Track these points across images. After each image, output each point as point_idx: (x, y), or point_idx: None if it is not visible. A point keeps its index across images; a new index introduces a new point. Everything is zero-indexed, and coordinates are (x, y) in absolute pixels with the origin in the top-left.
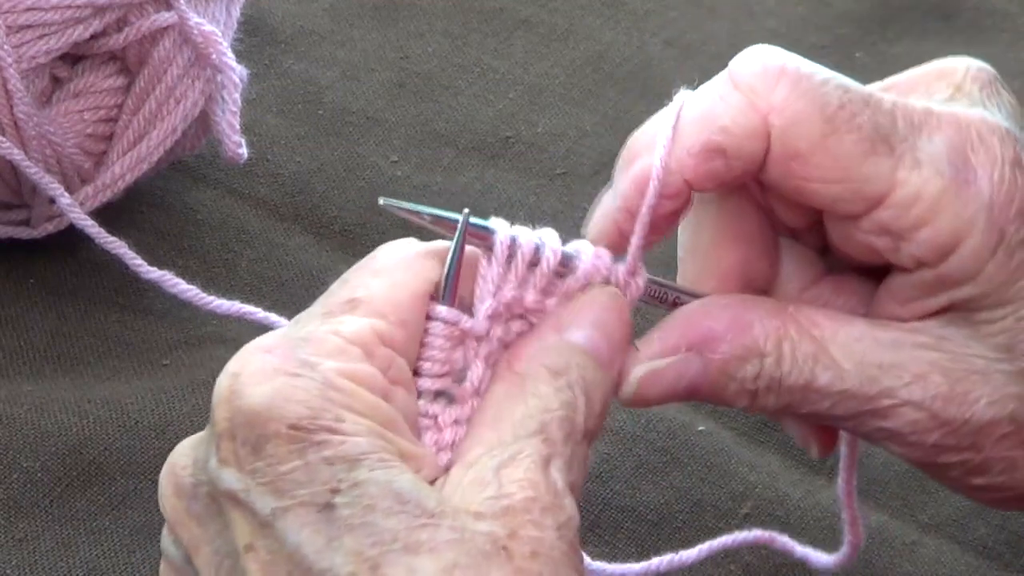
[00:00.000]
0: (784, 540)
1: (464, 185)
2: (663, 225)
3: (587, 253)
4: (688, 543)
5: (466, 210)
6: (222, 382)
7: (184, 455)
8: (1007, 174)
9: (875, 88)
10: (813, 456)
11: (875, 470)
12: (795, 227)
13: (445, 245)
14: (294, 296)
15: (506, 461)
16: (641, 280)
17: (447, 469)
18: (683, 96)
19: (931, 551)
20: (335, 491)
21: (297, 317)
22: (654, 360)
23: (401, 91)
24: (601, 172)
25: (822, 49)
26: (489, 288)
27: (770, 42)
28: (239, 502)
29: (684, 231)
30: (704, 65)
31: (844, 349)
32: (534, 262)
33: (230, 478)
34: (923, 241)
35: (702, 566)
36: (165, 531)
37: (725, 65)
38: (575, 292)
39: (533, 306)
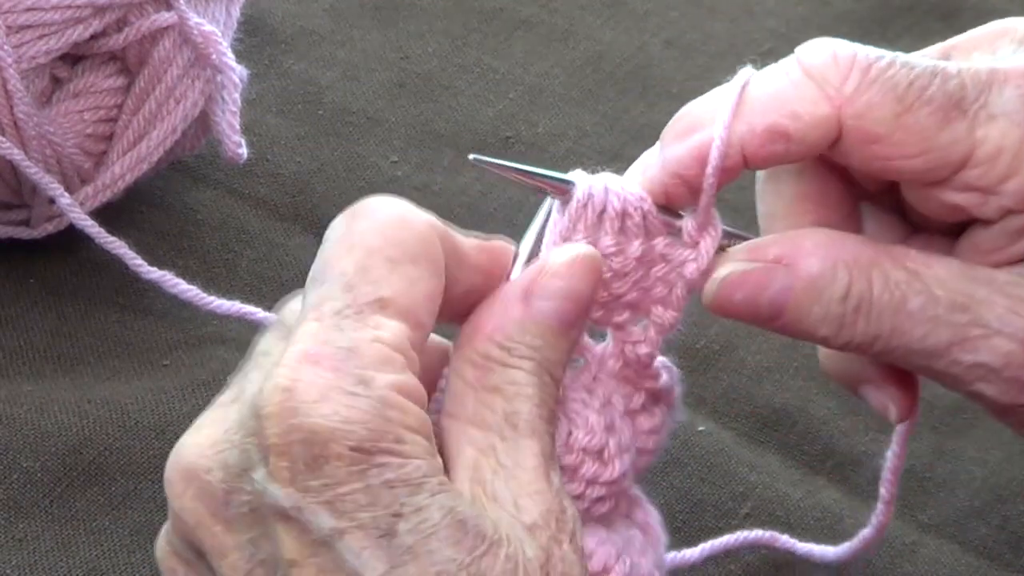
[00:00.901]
0: (785, 540)
1: (464, 185)
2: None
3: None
4: (688, 543)
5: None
6: (272, 396)
7: (206, 458)
8: None
9: (936, 49)
10: (892, 420)
11: (875, 470)
12: (872, 192)
13: (440, 226)
14: None
15: (512, 472)
16: (716, 232)
17: None
18: (747, 73)
19: (931, 551)
20: (397, 516)
21: (315, 287)
22: (740, 263)
23: (401, 91)
24: (601, 172)
25: None
26: (555, 238)
27: (770, 42)
28: (289, 518)
29: (763, 198)
30: (704, 65)
31: (936, 279)
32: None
33: (281, 495)
34: (1011, 191)
35: (703, 565)
36: (169, 528)
37: (725, 65)
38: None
39: (610, 250)
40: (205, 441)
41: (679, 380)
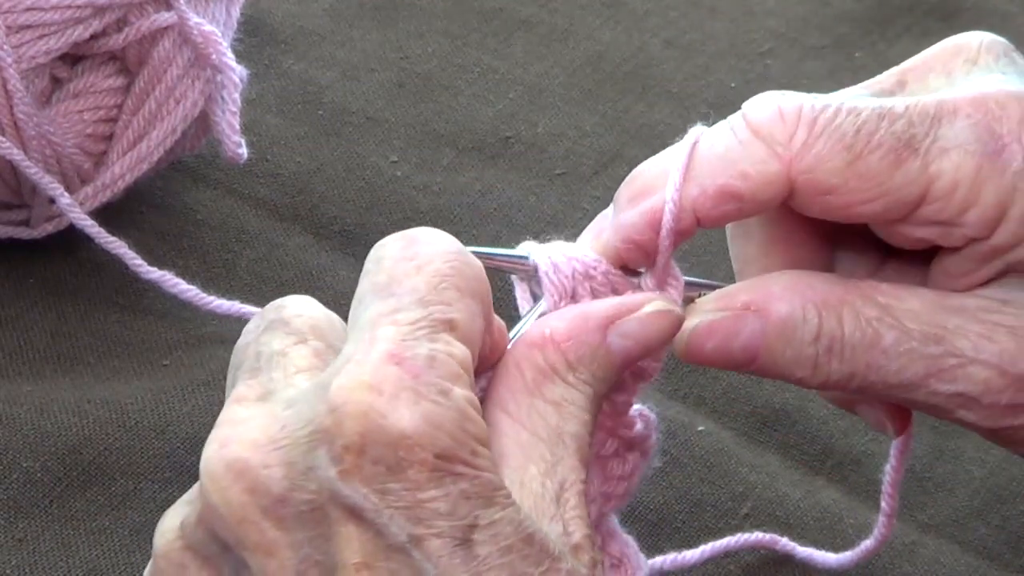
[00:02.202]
0: (785, 542)
1: (464, 185)
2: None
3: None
4: (688, 543)
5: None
6: (354, 394)
7: (263, 453)
8: None
9: (893, 73)
10: (891, 436)
11: (875, 470)
12: (841, 227)
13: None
14: None
15: (559, 491)
16: (678, 283)
17: None
18: (697, 131)
19: (931, 551)
20: (473, 527)
21: (384, 297)
22: (710, 313)
23: (401, 91)
24: (601, 172)
25: (822, 49)
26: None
27: (770, 42)
28: (362, 520)
29: (733, 242)
30: (704, 65)
31: (908, 312)
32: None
33: (357, 494)
34: (972, 221)
35: (702, 565)
36: (191, 519)
37: (725, 65)
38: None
39: None
40: (260, 436)
41: (655, 428)
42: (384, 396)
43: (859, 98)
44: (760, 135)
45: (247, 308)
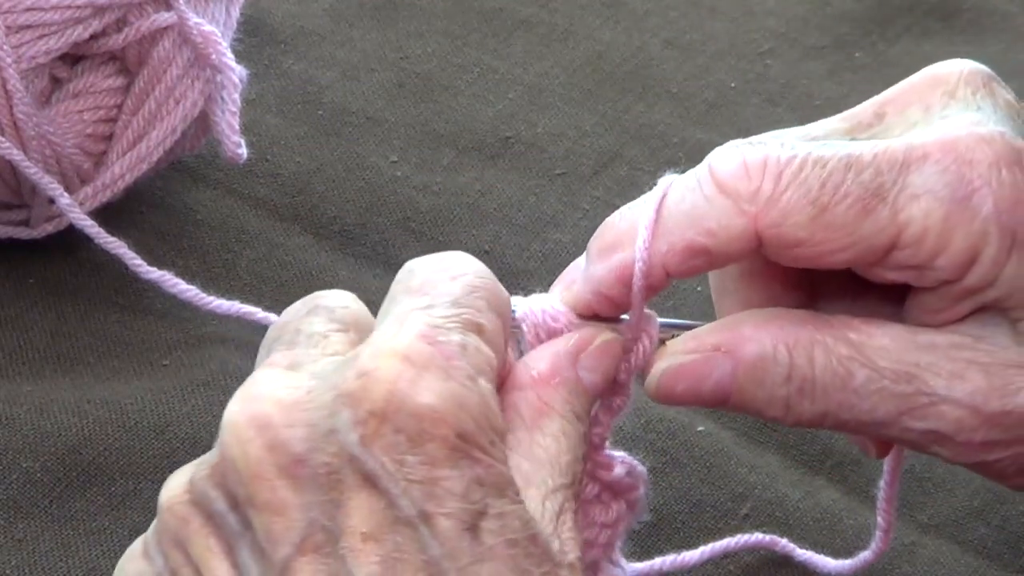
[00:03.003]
0: (785, 543)
1: (464, 185)
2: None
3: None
4: (687, 543)
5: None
6: (385, 362)
7: (288, 413)
8: (1007, 177)
9: (871, 104)
10: (872, 457)
11: (875, 470)
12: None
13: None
14: (294, 296)
15: (557, 512)
16: (653, 329)
17: None
18: (666, 183)
19: (931, 551)
20: (483, 514)
21: (414, 294)
22: (679, 356)
23: (401, 91)
24: (601, 172)
25: (822, 49)
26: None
27: (770, 42)
28: (376, 488)
29: (712, 275)
30: (704, 65)
31: (880, 350)
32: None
33: (374, 460)
34: (943, 266)
35: (702, 566)
36: (204, 472)
37: (725, 65)
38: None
39: None
40: (286, 397)
41: (644, 480)
42: (415, 367)
43: (826, 145)
44: (725, 190)
45: (247, 308)
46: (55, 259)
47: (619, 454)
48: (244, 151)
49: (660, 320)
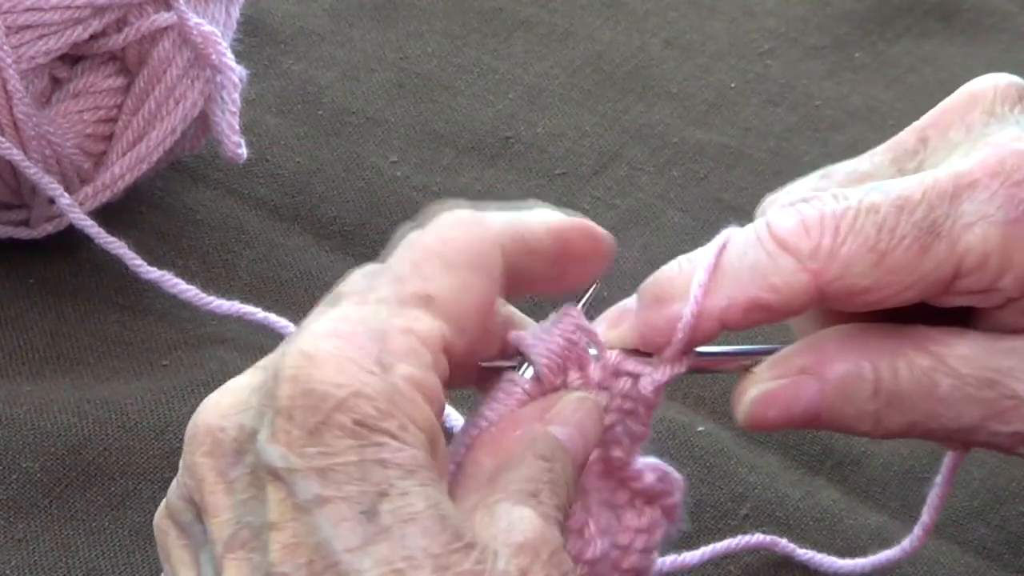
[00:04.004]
0: (785, 543)
1: (464, 185)
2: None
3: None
4: (687, 544)
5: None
6: (289, 360)
7: (227, 418)
8: None
9: (913, 131)
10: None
11: (875, 470)
12: None
13: (510, 226)
14: (294, 296)
15: (515, 508)
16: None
17: None
18: (725, 236)
19: (931, 551)
20: (383, 495)
21: (370, 277)
22: (768, 382)
23: (400, 91)
24: (601, 172)
25: (822, 49)
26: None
27: (770, 42)
28: (279, 479)
29: None
30: (704, 65)
31: (961, 359)
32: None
33: (276, 455)
34: (1008, 286)
35: (702, 567)
36: (175, 486)
37: (725, 65)
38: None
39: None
40: (227, 401)
41: (680, 488)
42: (314, 362)
43: (876, 189)
44: (787, 248)
45: (246, 308)
46: (55, 259)
47: (652, 461)
48: (244, 151)
49: (740, 348)
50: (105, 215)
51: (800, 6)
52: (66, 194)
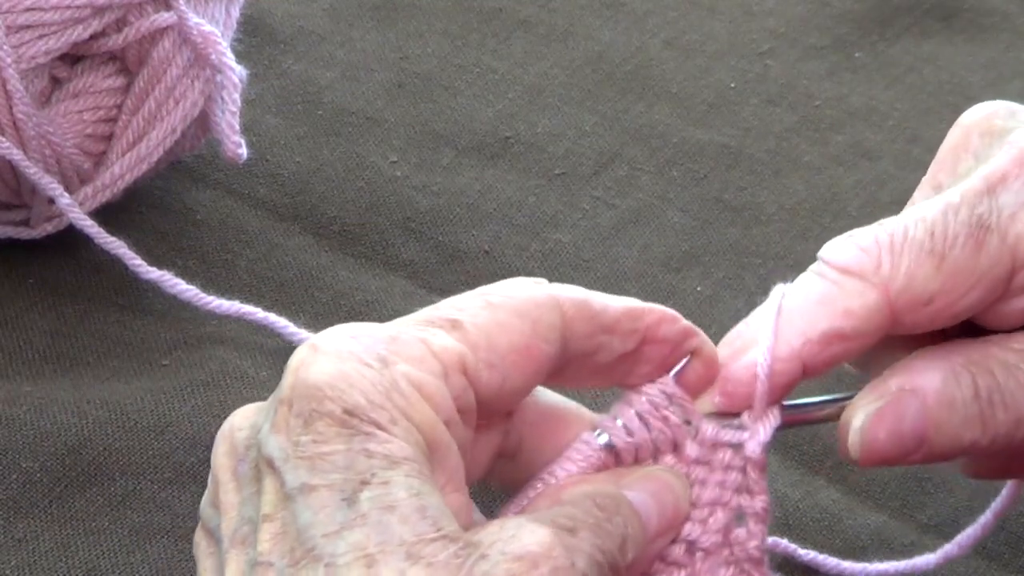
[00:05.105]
0: (786, 544)
1: (464, 185)
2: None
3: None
4: None
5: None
6: (299, 352)
7: (245, 417)
8: None
9: (925, 183)
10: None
11: (875, 470)
12: None
13: (578, 293)
14: (294, 296)
15: (529, 523)
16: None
17: None
18: (781, 289)
19: (931, 551)
20: (365, 483)
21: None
22: (871, 403)
23: (400, 91)
24: (601, 172)
25: (822, 49)
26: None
27: (770, 42)
28: (272, 469)
29: None
30: (704, 65)
31: None
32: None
33: (273, 444)
34: None
35: None
36: (206, 492)
37: (725, 65)
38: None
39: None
40: (253, 405)
41: None
42: (316, 354)
43: (918, 207)
44: (850, 272)
45: (246, 308)
46: (55, 259)
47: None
48: (244, 151)
49: (822, 398)
50: (105, 215)
51: (800, 6)
52: (66, 194)
